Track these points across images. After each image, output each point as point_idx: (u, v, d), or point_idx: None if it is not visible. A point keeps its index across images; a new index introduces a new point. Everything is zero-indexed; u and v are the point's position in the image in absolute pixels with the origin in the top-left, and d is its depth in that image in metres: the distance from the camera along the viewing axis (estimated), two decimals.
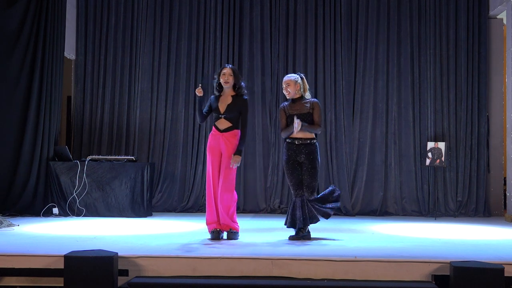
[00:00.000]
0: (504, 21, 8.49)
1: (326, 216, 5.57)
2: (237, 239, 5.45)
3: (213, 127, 5.57)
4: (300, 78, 5.58)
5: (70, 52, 8.75)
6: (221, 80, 5.52)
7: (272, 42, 8.70)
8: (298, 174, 5.54)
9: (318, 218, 5.55)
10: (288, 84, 5.53)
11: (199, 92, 5.44)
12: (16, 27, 7.61)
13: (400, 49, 8.61)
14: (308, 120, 5.49)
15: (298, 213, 5.47)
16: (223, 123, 5.51)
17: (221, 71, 5.56)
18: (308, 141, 5.50)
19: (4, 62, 7.50)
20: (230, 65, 5.61)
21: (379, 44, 8.61)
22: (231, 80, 5.51)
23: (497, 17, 8.67)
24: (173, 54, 8.75)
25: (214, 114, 5.59)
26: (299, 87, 5.54)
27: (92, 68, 8.82)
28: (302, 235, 5.50)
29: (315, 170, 5.49)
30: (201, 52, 8.73)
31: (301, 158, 5.50)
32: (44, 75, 7.83)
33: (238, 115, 5.52)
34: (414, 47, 8.60)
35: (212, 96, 5.66)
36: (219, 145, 5.48)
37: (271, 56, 8.69)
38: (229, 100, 5.53)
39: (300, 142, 5.49)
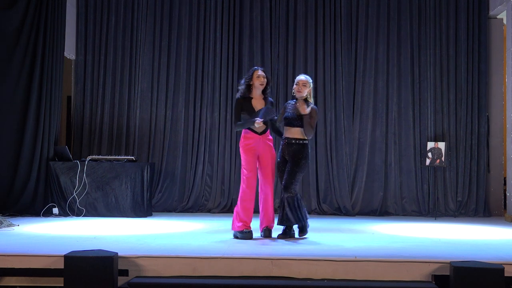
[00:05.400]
0: (504, 21, 8.49)
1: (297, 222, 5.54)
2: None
3: (248, 130, 5.58)
4: (312, 83, 5.70)
5: (70, 52, 8.74)
6: (256, 83, 5.60)
7: (272, 42, 8.70)
8: (284, 172, 5.60)
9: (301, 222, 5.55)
10: (304, 85, 5.60)
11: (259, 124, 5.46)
12: (16, 28, 7.61)
13: (400, 49, 8.61)
14: (301, 121, 5.52)
15: (288, 211, 5.51)
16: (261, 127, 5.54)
17: (253, 73, 5.62)
18: (293, 141, 5.54)
19: (4, 62, 7.50)
20: (262, 68, 5.72)
21: (379, 44, 8.61)
22: (264, 82, 5.63)
23: (497, 17, 8.66)
24: (173, 54, 8.75)
25: (248, 117, 5.57)
26: (310, 91, 5.64)
27: (92, 68, 8.82)
28: (289, 233, 5.56)
29: (296, 170, 5.48)
30: (201, 52, 8.73)
31: (288, 156, 5.57)
32: (44, 75, 7.83)
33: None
34: (414, 47, 8.59)
35: (241, 99, 5.64)
36: (259, 147, 5.55)
37: (271, 56, 8.68)
38: (263, 103, 5.63)
39: (286, 141, 5.58)
